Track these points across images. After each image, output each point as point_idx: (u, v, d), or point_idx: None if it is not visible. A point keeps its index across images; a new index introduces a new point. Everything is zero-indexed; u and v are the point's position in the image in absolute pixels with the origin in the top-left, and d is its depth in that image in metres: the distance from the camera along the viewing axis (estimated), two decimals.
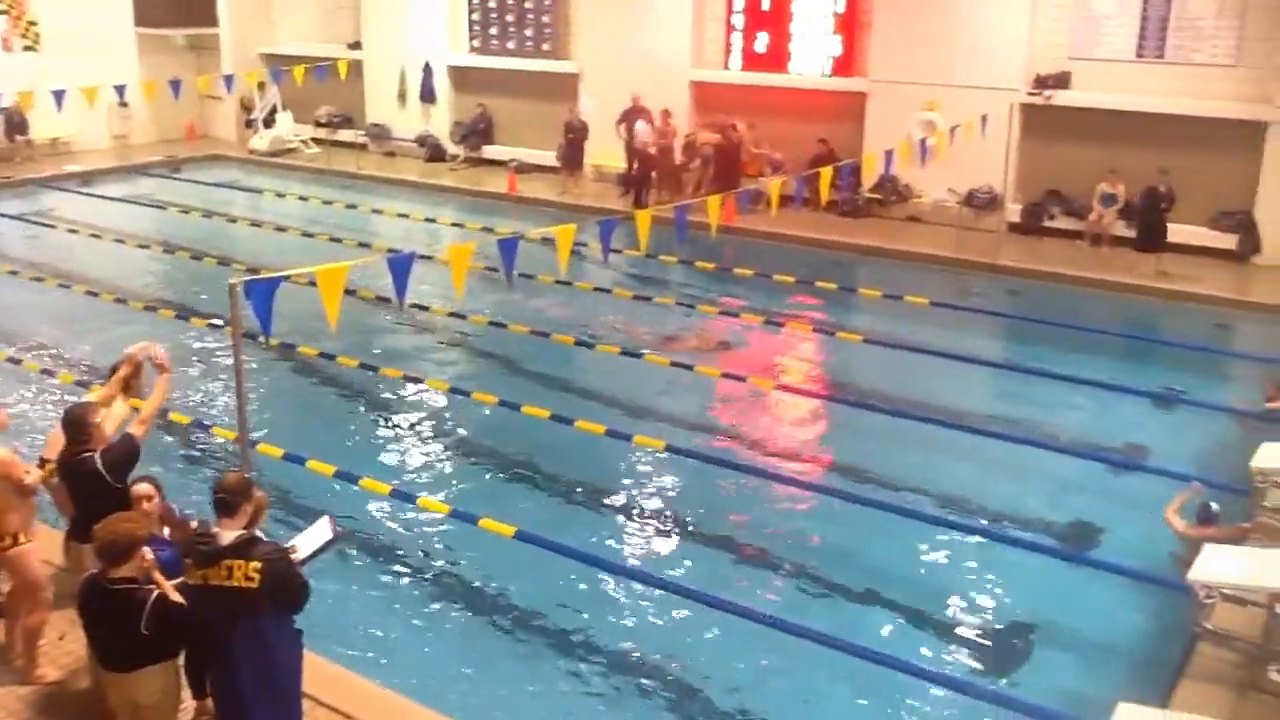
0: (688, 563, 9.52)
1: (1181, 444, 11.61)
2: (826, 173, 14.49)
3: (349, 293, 10.38)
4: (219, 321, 14.08)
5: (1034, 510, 10.32)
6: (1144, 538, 9.49)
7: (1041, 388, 13.04)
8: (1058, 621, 8.62)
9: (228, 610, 5.43)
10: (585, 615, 8.60)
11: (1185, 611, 7.77)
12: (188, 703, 6.19)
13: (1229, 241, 17.65)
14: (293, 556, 5.83)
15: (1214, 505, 9.07)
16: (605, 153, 22.57)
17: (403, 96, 26.35)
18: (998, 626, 8.62)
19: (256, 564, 5.39)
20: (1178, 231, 17.63)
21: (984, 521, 10.06)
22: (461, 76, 25.86)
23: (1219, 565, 7.19)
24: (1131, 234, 17.84)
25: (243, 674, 5.51)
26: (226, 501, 5.55)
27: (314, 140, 27.07)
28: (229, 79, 24.83)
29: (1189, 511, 9.08)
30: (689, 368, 13.27)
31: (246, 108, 27.65)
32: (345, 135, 26.65)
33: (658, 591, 8.79)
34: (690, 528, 10.08)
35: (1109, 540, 9.78)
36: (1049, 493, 10.69)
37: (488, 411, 12.07)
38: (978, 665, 8.19)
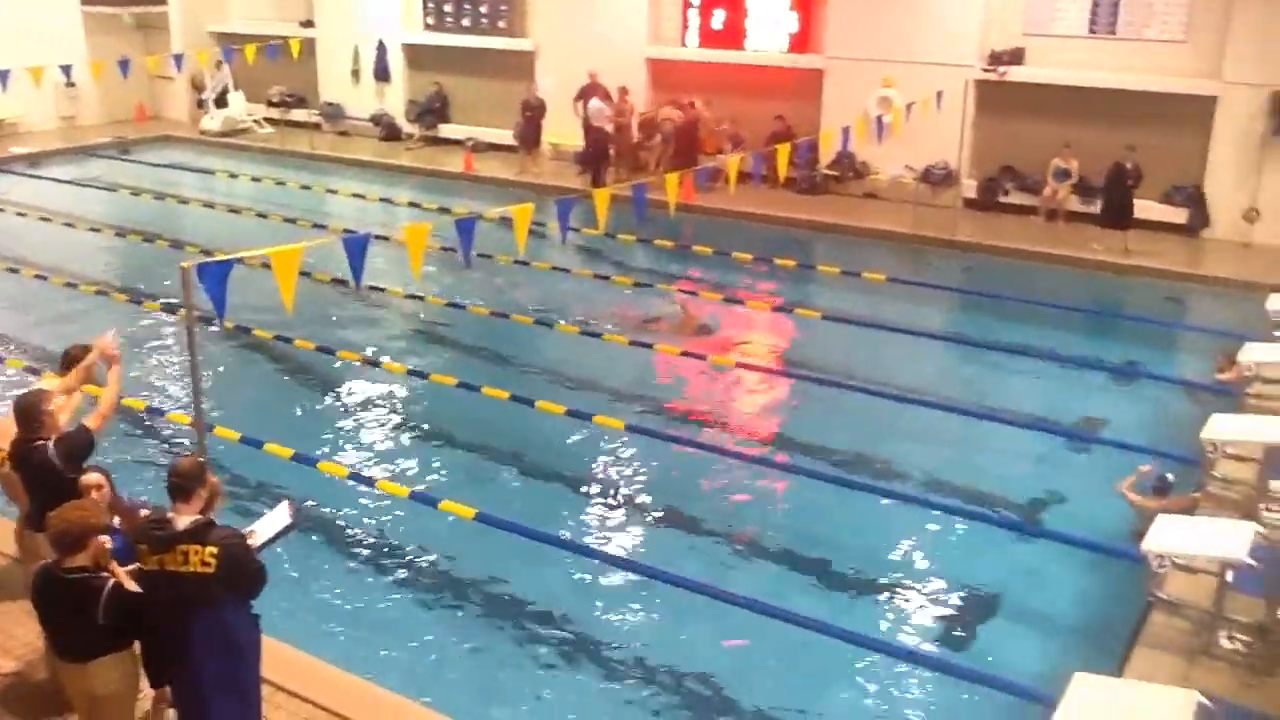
0: (646, 540, 9.55)
1: (1136, 416, 11.78)
2: (784, 150, 14.51)
3: (304, 274, 10.27)
4: (174, 303, 13.90)
5: (991, 484, 10.43)
6: (1100, 510, 9.62)
7: (998, 362, 13.19)
8: (1015, 594, 8.74)
9: (185, 596, 5.37)
10: (547, 595, 8.60)
11: (1139, 581, 7.89)
12: (146, 692, 6.14)
13: (1180, 216, 17.87)
14: (251, 542, 5.78)
15: (1169, 476, 9.23)
16: (563, 131, 22.45)
17: (356, 75, 26.08)
18: (956, 600, 8.72)
19: (213, 549, 5.33)
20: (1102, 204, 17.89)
21: (943, 496, 10.16)
22: (416, 54, 25.60)
23: (1171, 535, 7.30)
24: (1085, 209, 18.11)
25: (201, 660, 5.46)
26: (181, 486, 5.48)
27: (267, 120, 26.71)
28: (179, 58, 24.42)
29: (1144, 484, 9.23)
30: (648, 346, 13.28)
31: (197, 88, 27.24)
32: (299, 115, 26.34)
33: (618, 570, 8.83)
34: (649, 506, 10.11)
35: (1065, 513, 9.91)
36: (1006, 466, 10.81)
37: (447, 393, 12.01)
38: (936, 638, 8.28)
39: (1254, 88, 16.92)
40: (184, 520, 5.41)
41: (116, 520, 6.35)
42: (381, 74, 25.69)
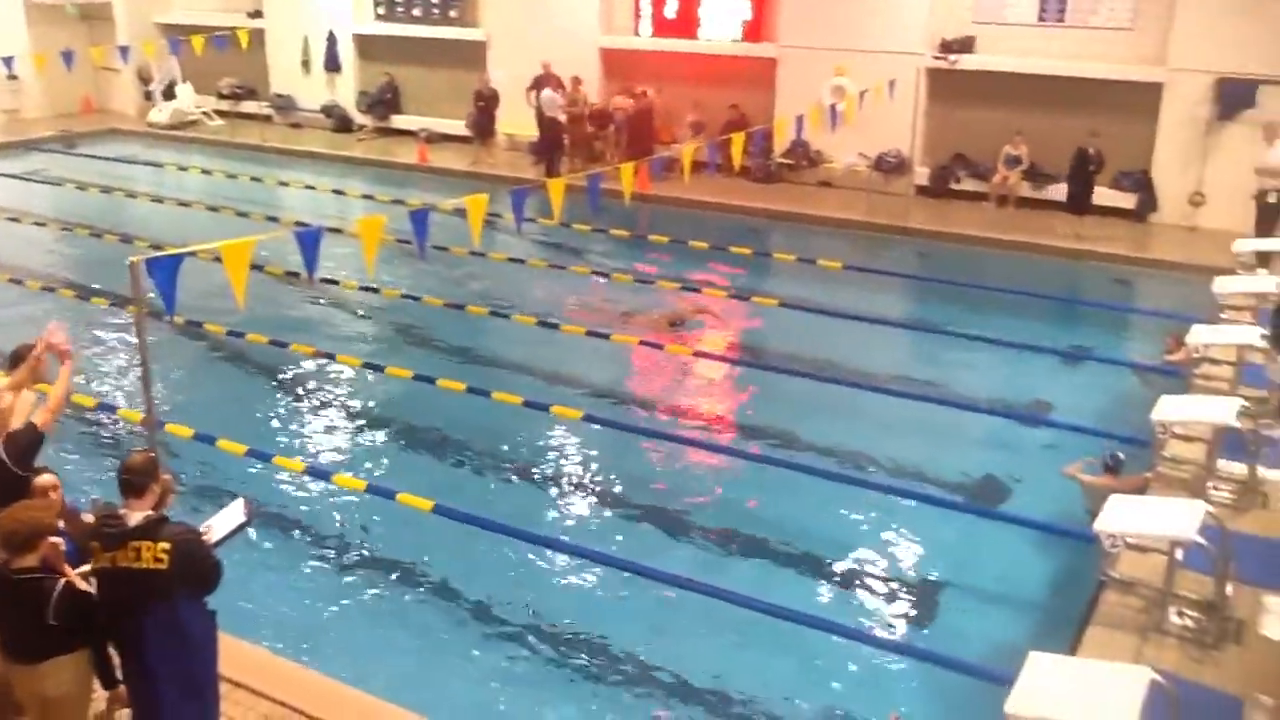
0: (606, 530, 9.56)
1: (1087, 399, 11.93)
2: (738, 139, 14.53)
3: (256, 268, 10.18)
4: (124, 297, 13.70)
5: (946, 468, 10.53)
6: (1052, 491, 9.74)
7: (951, 347, 13.31)
8: (971, 576, 8.84)
9: (138, 593, 5.30)
10: (506, 587, 8.59)
11: (1092, 561, 8.00)
12: (99, 693, 6.05)
13: (1129, 201, 18.10)
14: (205, 538, 5.72)
15: (1120, 455, 9.37)
16: (517, 121, 22.34)
17: (307, 66, 25.81)
18: (913, 582, 8.81)
19: (165, 544, 5.26)
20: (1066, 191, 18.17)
21: (898, 480, 10.25)
22: (367, 45, 25.38)
23: (1123, 516, 7.39)
24: (1036, 195, 18.34)
25: (156, 658, 5.39)
26: (132, 483, 5.40)
27: (216, 112, 26.37)
28: (124, 50, 23.98)
29: (1092, 468, 9.38)
30: (605, 336, 13.26)
31: (144, 80, 26.83)
32: (249, 107, 26.02)
33: (577, 560, 8.83)
34: (608, 496, 10.12)
35: (1019, 495, 10.03)
36: (960, 450, 10.92)
37: (403, 386, 11.94)
38: (894, 621, 8.36)
39: (1198, 74, 17.16)
40: (136, 516, 5.33)
41: (60, 524, 6.24)
42: (332, 65, 25.45)
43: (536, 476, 10.44)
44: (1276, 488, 9.12)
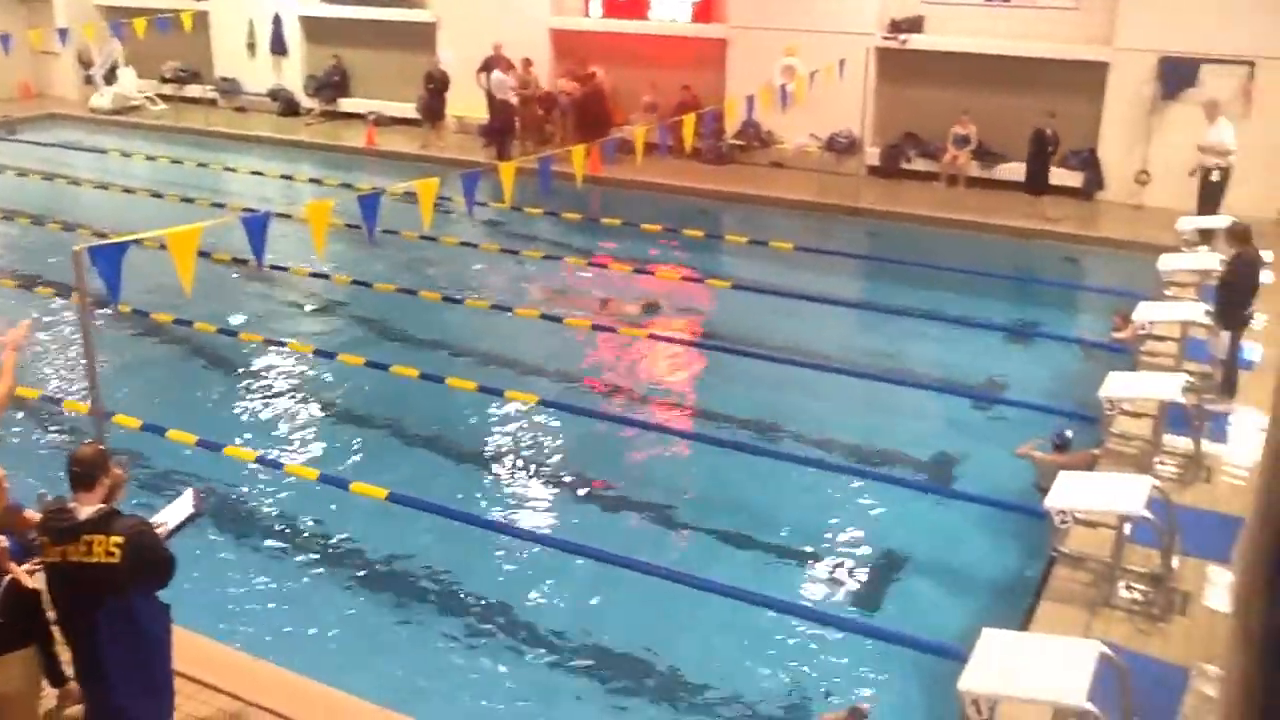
0: (561, 514, 9.57)
1: (1037, 376, 12.09)
2: (690, 120, 14.52)
3: (203, 255, 10.03)
4: (68, 286, 13.46)
5: (899, 446, 10.62)
6: (1004, 468, 9.86)
7: (904, 327, 13.40)
8: (924, 553, 8.93)
9: (90, 588, 5.22)
10: (462, 573, 8.57)
11: (1043, 537, 8.11)
12: (49, 690, 5.97)
13: (1076, 179, 18.30)
14: (159, 532, 5.64)
15: (1068, 433, 9.50)
16: (467, 104, 22.17)
17: (252, 49, 25.42)
18: (866, 561, 8.88)
19: (118, 538, 5.17)
20: (1024, 171, 18.36)
21: (850, 459, 10.33)
22: (314, 27, 25.04)
23: (1073, 492, 7.51)
24: (985, 174, 18.51)
25: (109, 654, 5.31)
26: (82, 475, 5.30)
27: (160, 97, 25.92)
28: (63, 32, 23.49)
29: (1043, 446, 9.51)
30: (558, 320, 13.23)
31: (85, 64, 26.30)
32: (193, 91, 25.61)
33: (533, 545, 8.82)
34: (564, 480, 10.11)
35: (971, 472, 10.14)
36: (913, 428, 11.02)
37: (355, 373, 11.84)
38: (848, 600, 8.43)
39: (1143, 53, 17.35)
40: (87, 510, 5.24)
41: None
42: (278, 47, 25.09)
43: (492, 462, 10.41)
44: (1220, 461, 9.30)
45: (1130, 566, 7.58)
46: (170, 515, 6.10)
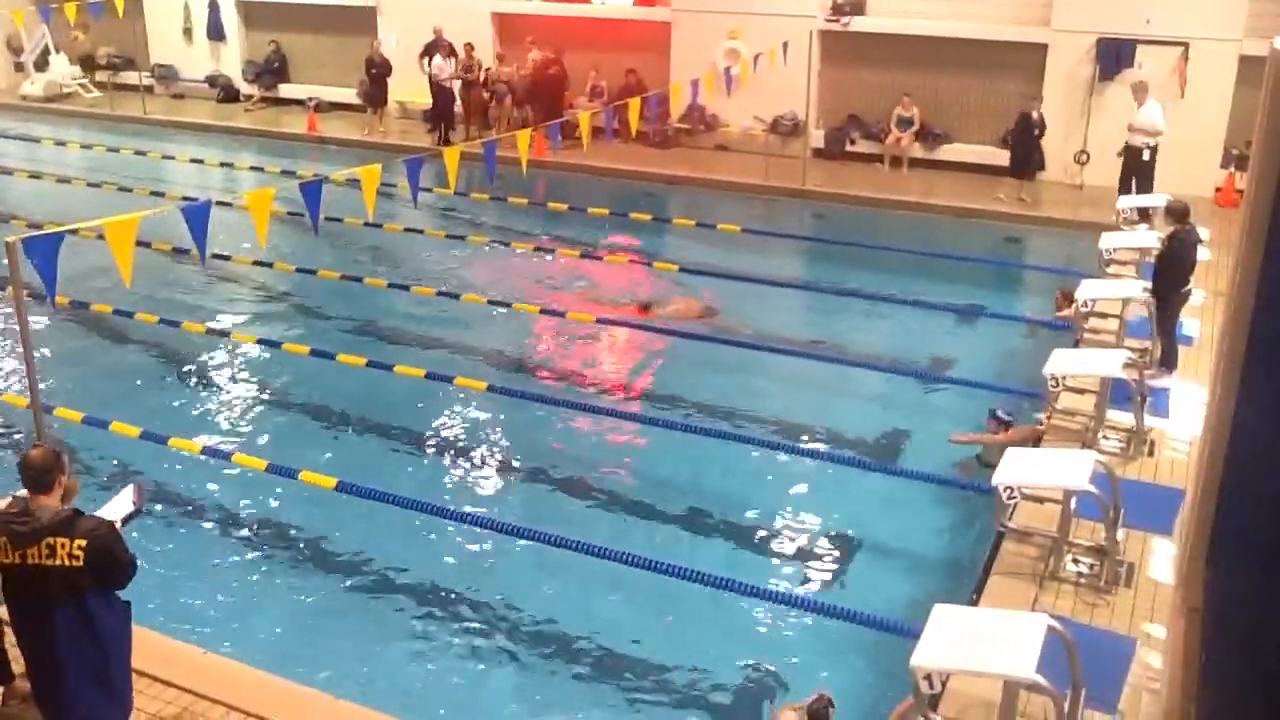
0: (512, 501, 9.56)
1: (982, 354, 12.24)
2: (635, 103, 14.47)
3: (143, 245, 9.85)
4: (3, 278, 13.16)
5: (847, 426, 10.71)
6: (952, 447, 9.97)
7: (850, 308, 13.50)
8: (874, 532, 9.02)
9: (51, 590, 5.12)
10: (414, 561, 8.51)
11: (991, 513, 8.22)
12: None
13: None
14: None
15: (1001, 412, 9.68)
16: (410, 89, 21.94)
17: (189, 34, 24.96)
18: (819, 541, 8.95)
19: (81, 541, 5.09)
20: (968, 152, 18.61)
21: (799, 439, 10.39)
22: (252, 11, 24.64)
23: (1020, 468, 7.61)
24: (927, 156, 18.67)
25: (67, 654, 5.22)
26: (38, 479, 5.19)
27: (94, 84, 25.37)
28: None
29: (983, 428, 9.68)
30: (507, 305, 13.17)
31: (14, 50, 25.66)
32: (129, 77, 25.08)
33: (484, 531, 8.78)
34: (515, 466, 10.09)
35: (919, 451, 10.25)
36: (861, 408, 11.12)
37: (301, 362, 11.70)
38: (800, 579, 8.50)
39: (1081, 35, 17.58)
40: (47, 513, 5.14)
41: None
42: (215, 32, 24.65)
43: (441, 449, 10.35)
44: (1161, 435, 9.48)
45: (1076, 540, 7.70)
46: (109, 513, 5.97)
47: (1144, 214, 14.23)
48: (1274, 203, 5.63)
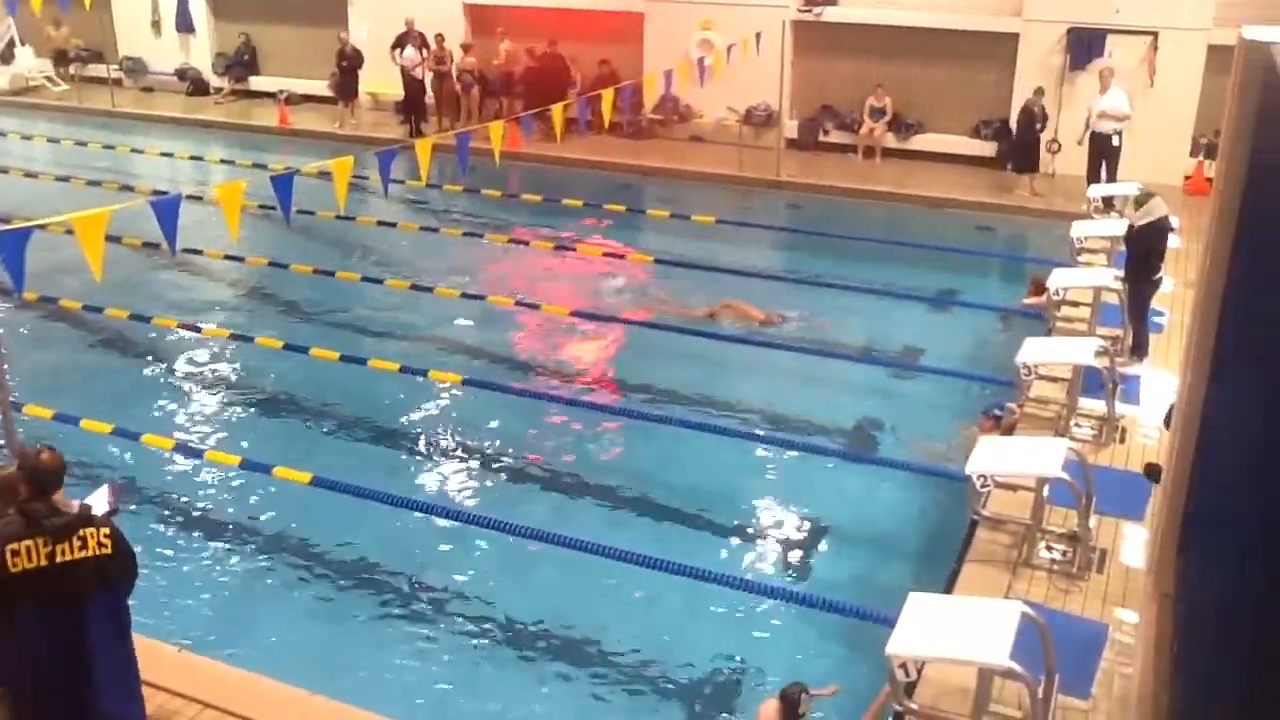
0: (488, 493, 9.53)
1: (956, 343, 12.30)
2: (608, 94, 14.44)
3: (113, 240, 9.76)
4: None
5: (821, 415, 10.74)
6: (926, 435, 10.03)
7: (824, 297, 13.54)
8: (849, 521, 9.06)
9: (80, 586, 5.13)
10: (390, 555, 8.49)
11: (964, 501, 8.26)
12: None
13: (988, 149, 18.60)
14: None
15: (997, 411, 9.71)
16: (382, 81, 21.81)
17: (157, 27, 24.72)
18: (794, 530, 8.99)
19: (105, 529, 5.19)
20: (940, 142, 18.68)
21: (774, 429, 10.42)
22: (221, 3, 24.41)
23: (993, 456, 7.67)
24: (900, 146, 18.73)
25: (97, 653, 5.21)
26: (58, 479, 5.24)
27: (62, 76, 25.09)
28: None
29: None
30: (481, 298, 13.13)
31: None
32: (97, 70, 24.82)
33: (461, 524, 8.75)
34: (489, 458, 10.06)
35: (893, 439, 10.30)
36: (835, 398, 11.16)
37: (274, 356, 11.63)
38: (776, 568, 8.54)
39: (1052, 24, 17.66)
40: (68, 508, 5.19)
41: None
42: (184, 25, 24.41)
43: (416, 443, 10.32)
44: (1133, 422, 9.56)
45: (1049, 527, 7.76)
46: None
47: (1108, 203, 14.31)
48: (1243, 191, 5.68)
